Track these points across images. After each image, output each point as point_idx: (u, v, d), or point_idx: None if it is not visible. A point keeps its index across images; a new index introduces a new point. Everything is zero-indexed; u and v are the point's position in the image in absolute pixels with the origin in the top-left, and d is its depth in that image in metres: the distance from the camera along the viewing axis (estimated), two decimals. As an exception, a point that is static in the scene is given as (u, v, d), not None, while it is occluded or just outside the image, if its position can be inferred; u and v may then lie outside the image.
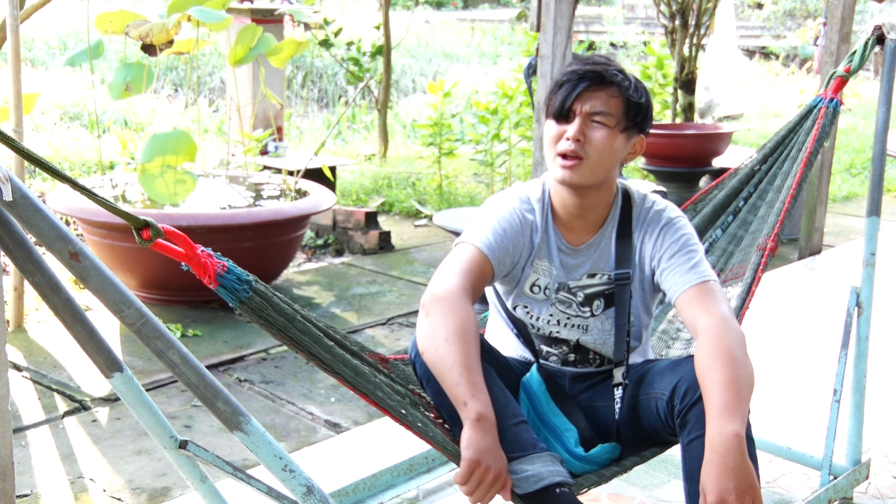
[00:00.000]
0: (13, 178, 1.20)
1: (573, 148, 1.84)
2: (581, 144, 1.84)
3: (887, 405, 3.17)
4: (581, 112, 1.84)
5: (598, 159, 1.85)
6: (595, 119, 1.84)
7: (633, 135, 1.90)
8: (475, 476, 1.60)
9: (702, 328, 1.76)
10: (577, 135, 1.83)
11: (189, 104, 8.74)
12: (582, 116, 1.84)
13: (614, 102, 1.84)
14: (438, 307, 1.74)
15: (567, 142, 1.84)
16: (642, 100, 1.88)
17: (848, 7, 4.85)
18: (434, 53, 13.77)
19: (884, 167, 2.38)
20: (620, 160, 1.90)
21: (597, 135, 1.84)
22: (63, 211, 4.11)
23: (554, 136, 1.87)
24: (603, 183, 1.91)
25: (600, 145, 1.84)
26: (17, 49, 3.50)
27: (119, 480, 2.66)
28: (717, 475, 1.57)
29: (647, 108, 1.89)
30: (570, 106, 1.84)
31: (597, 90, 1.84)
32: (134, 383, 1.45)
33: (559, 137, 1.86)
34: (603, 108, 1.84)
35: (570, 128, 1.84)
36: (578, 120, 1.84)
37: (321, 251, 5.58)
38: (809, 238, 5.30)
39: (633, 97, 1.86)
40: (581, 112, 1.84)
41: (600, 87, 1.84)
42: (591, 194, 1.92)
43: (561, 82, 1.87)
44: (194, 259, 1.40)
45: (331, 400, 3.28)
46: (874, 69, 14.01)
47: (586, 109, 1.84)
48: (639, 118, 1.88)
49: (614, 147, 1.86)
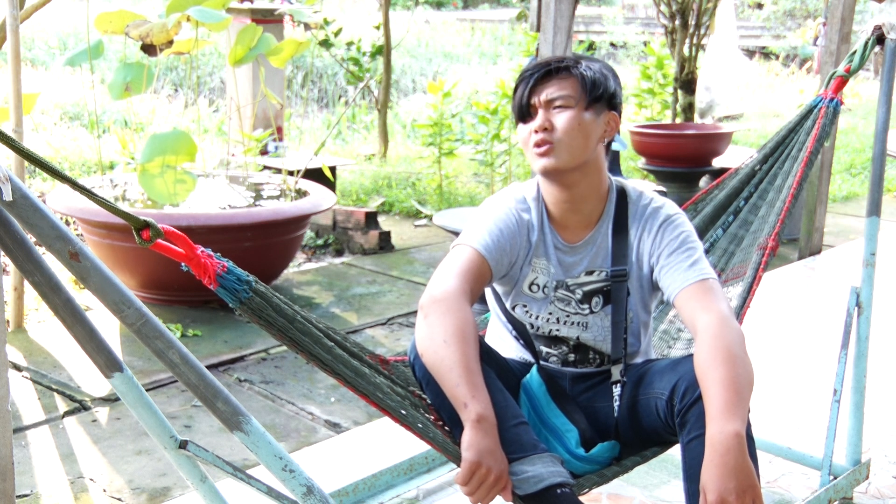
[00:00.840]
0: (13, 178, 1.20)
1: (542, 137, 1.87)
2: (549, 132, 1.87)
3: (887, 405, 3.17)
4: (540, 103, 1.89)
5: (569, 139, 1.87)
6: (555, 105, 1.88)
7: (601, 111, 1.91)
8: (476, 477, 1.60)
9: (701, 326, 1.76)
10: (543, 124, 1.88)
11: (189, 104, 8.74)
12: (542, 107, 1.89)
13: (568, 84, 1.88)
14: (437, 309, 1.74)
15: (535, 134, 1.88)
16: (597, 75, 1.90)
17: (848, 7, 4.85)
18: (434, 53, 13.77)
19: (884, 167, 2.38)
20: (595, 139, 1.90)
21: (560, 118, 1.87)
22: (63, 211, 4.11)
23: (525, 135, 1.92)
24: (584, 165, 1.91)
25: (567, 125, 1.87)
26: (17, 49, 3.50)
27: (119, 480, 2.66)
28: (717, 475, 1.57)
29: (604, 81, 1.90)
30: (528, 102, 1.90)
31: (549, 79, 1.89)
32: (134, 383, 1.45)
33: (530, 134, 1.91)
34: (558, 93, 1.88)
35: (535, 120, 1.89)
36: (541, 112, 1.89)
37: (321, 251, 5.58)
38: (809, 238, 5.30)
39: (586, 73, 1.89)
40: (540, 103, 1.89)
41: (551, 75, 1.90)
42: (577, 182, 1.92)
43: (516, 86, 1.94)
44: (194, 259, 1.40)
45: (331, 400, 3.28)
46: (874, 69, 14.01)
47: (543, 99, 1.88)
48: (599, 92, 1.89)
49: (583, 125, 1.87)
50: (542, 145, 1.88)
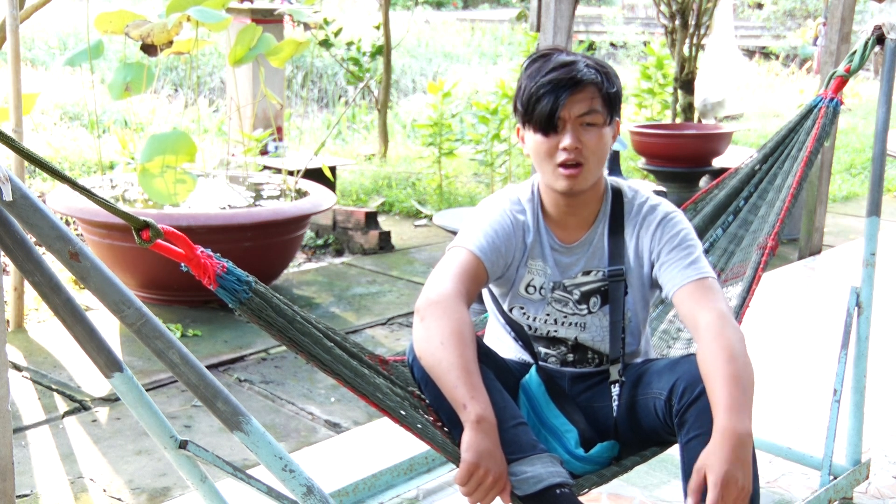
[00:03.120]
0: (13, 178, 1.20)
1: (573, 156, 1.83)
2: (579, 151, 1.83)
3: (887, 405, 3.17)
4: (570, 119, 1.82)
5: (597, 161, 1.86)
6: (586, 122, 1.83)
7: (613, 121, 1.90)
8: (475, 479, 1.60)
9: (702, 324, 1.75)
10: (576, 143, 1.82)
11: (189, 104, 8.74)
12: (572, 123, 1.82)
13: (597, 100, 1.84)
14: (433, 311, 1.74)
15: (565, 152, 1.82)
16: (615, 88, 1.87)
17: (848, 7, 4.85)
18: (434, 53, 13.77)
19: (884, 167, 2.38)
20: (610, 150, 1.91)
21: (591, 137, 1.83)
22: (63, 211, 4.11)
23: (547, 148, 1.84)
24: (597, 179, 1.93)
25: (596, 147, 1.84)
26: (17, 49, 3.50)
27: (119, 480, 2.66)
28: (724, 459, 1.56)
29: (620, 92, 1.90)
30: (559, 116, 1.82)
31: (578, 93, 1.81)
32: (134, 383, 1.45)
33: (554, 149, 1.84)
34: (589, 109, 1.82)
35: (565, 137, 1.82)
36: (570, 127, 1.82)
37: (321, 251, 5.58)
38: (809, 238, 5.30)
39: (609, 89, 1.85)
40: (570, 119, 1.82)
41: (580, 89, 1.81)
42: (585, 192, 1.92)
43: (539, 95, 1.82)
44: (194, 260, 1.40)
45: (331, 400, 3.28)
46: (874, 69, 14.01)
47: (574, 115, 1.82)
48: (616, 105, 1.89)
49: (606, 143, 1.87)
50: (573, 166, 1.83)
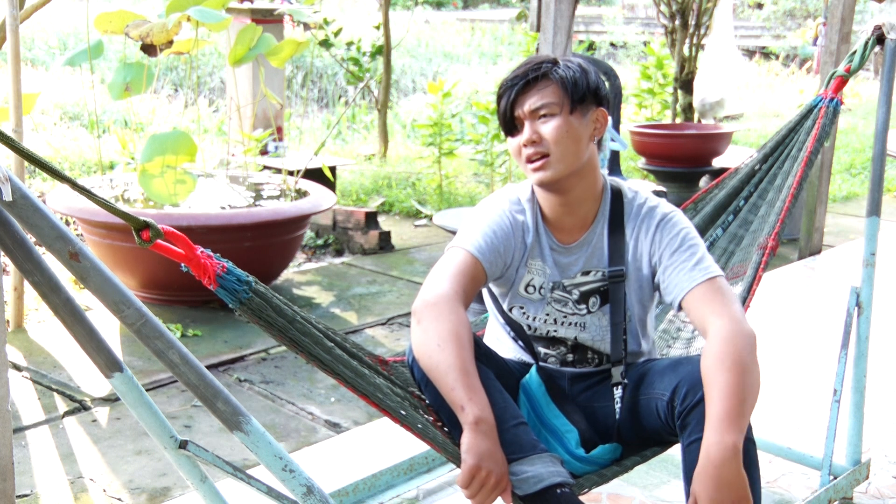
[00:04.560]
0: (13, 178, 1.20)
1: (533, 150, 1.85)
2: (538, 143, 1.85)
3: (887, 405, 3.17)
4: (524, 115, 1.86)
5: (561, 149, 1.84)
6: (540, 114, 1.85)
7: (587, 110, 1.87)
8: (476, 481, 1.60)
9: (713, 330, 1.73)
10: (531, 136, 1.85)
11: (189, 104, 8.74)
12: (527, 119, 1.86)
13: (549, 90, 1.84)
14: (430, 313, 1.73)
15: (525, 147, 1.86)
16: (576, 74, 1.86)
17: (848, 7, 4.85)
18: (434, 53, 13.77)
19: (884, 167, 2.38)
20: (587, 140, 1.88)
21: (548, 127, 1.84)
22: (63, 211, 4.11)
23: (515, 149, 1.90)
24: (580, 169, 1.89)
25: (556, 135, 1.84)
26: (17, 49, 3.50)
27: (119, 480, 2.66)
28: (710, 486, 1.58)
29: (584, 79, 1.86)
30: (513, 115, 1.87)
31: (529, 89, 1.85)
32: (134, 383, 1.45)
33: (520, 148, 1.88)
34: (540, 102, 1.84)
35: (524, 133, 1.86)
36: (527, 123, 1.86)
37: (321, 251, 5.58)
38: (809, 238, 5.30)
39: (565, 75, 1.85)
40: (524, 115, 1.86)
41: (530, 84, 1.85)
42: (573, 186, 1.90)
43: (498, 98, 1.90)
44: (194, 260, 1.40)
45: (331, 400, 3.28)
46: (874, 69, 14.01)
47: (527, 110, 1.85)
48: (582, 92, 1.86)
49: (571, 130, 1.85)
50: (536, 159, 1.86)
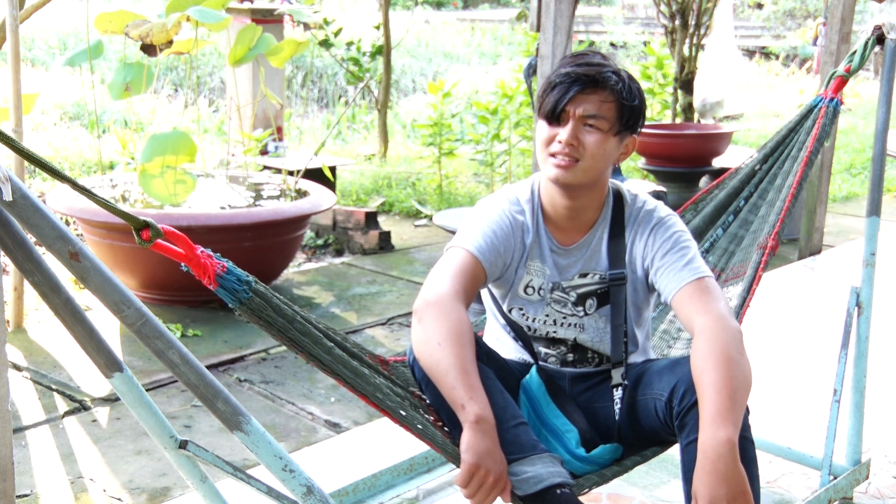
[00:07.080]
0: (13, 178, 1.20)
1: (567, 151, 1.82)
2: (574, 148, 1.82)
3: (887, 405, 3.17)
4: (574, 115, 1.81)
5: (592, 162, 1.84)
6: (588, 123, 1.82)
7: (625, 136, 1.88)
8: (475, 480, 1.60)
9: (698, 328, 1.75)
10: (571, 139, 1.81)
11: (189, 104, 8.74)
12: (575, 120, 1.82)
13: (608, 107, 1.82)
14: (430, 312, 1.73)
15: (559, 144, 1.83)
16: (635, 102, 1.85)
17: (848, 7, 4.85)
18: (434, 53, 13.76)
19: (884, 167, 2.38)
20: (612, 161, 1.88)
21: (590, 139, 1.82)
22: (63, 211, 4.11)
23: (546, 137, 1.85)
24: (595, 184, 1.90)
25: (593, 149, 1.82)
26: (17, 49, 3.50)
27: (119, 480, 2.66)
28: (708, 481, 1.58)
29: (640, 109, 1.87)
30: (563, 108, 1.82)
31: (590, 93, 1.81)
32: (134, 383, 1.45)
33: (551, 139, 1.84)
34: (596, 112, 1.81)
35: (563, 131, 1.82)
36: (571, 123, 1.82)
37: (321, 251, 5.58)
38: (809, 238, 5.30)
39: (626, 100, 1.83)
40: (574, 115, 1.81)
41: (594, 90, 1.81)
42: (583, 195, 1.91)
43: (554, 84, 1.84)
44: (194, 260, 1.40)
45: (331, 400, 3.28)
46: (874, 69, 14.01)
47: (579, 113, 1.81)
48: (631, 121, 1.86)
49: (607, 150, 1.84)
50: (565, 159, 1.83)
